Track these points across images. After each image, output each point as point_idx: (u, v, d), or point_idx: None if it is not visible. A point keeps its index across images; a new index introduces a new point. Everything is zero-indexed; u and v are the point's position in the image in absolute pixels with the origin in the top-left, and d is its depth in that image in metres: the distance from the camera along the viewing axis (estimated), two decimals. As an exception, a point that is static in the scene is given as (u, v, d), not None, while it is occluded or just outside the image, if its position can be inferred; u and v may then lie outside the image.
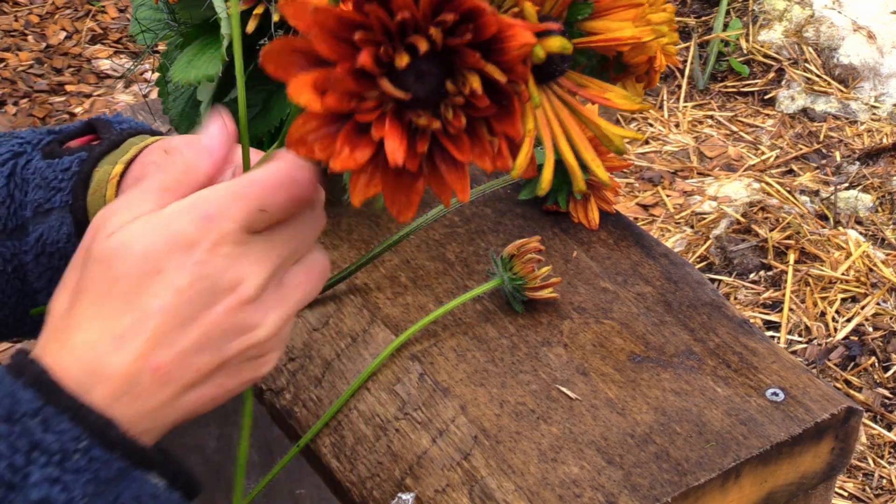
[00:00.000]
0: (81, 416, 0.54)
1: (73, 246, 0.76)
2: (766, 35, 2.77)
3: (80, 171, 0.77)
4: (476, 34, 0.51)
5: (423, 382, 0.87)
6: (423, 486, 0.81)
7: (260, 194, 0.57)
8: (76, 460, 0.53)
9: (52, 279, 0.78)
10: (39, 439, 0.53)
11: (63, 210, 0.77)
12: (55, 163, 0.78)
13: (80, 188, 0.76)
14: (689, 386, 0.87)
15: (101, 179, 0.76)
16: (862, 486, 1.81)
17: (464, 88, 0.52)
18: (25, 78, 2.73)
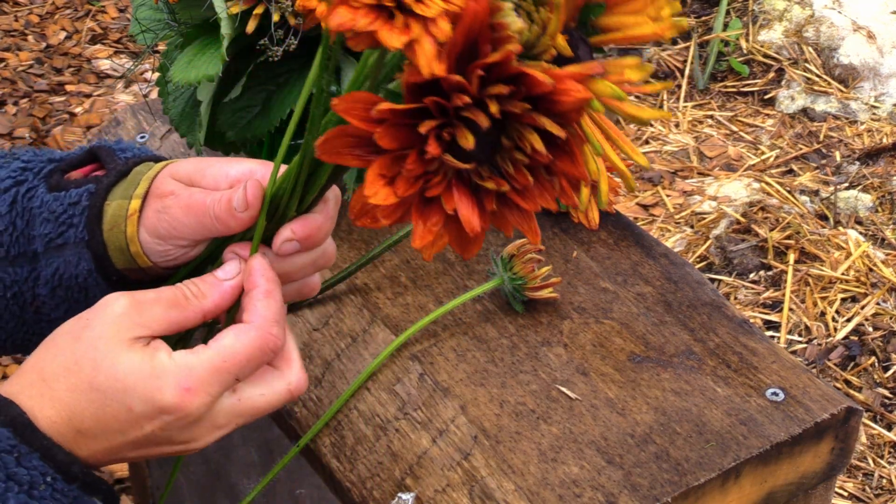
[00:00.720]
0: (51, 456, 0.65)
1: (93, 280, 0.78)
2: (766, 35, 2.77)
3: (90, 205, 0.77)
4: (528, 91, 0.54)
5: (423, 382, 0.87)
6: (423, 486, 0.81)
7: (237, 369, 0.68)
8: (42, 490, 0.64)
9: (69, 309, 0.79)
10: (14, 472, 0.63)
11: (79, 246, 0.77)
12: (62, 196, 0.78)
13: (95, 223, 0.77)
14: (689, 386, 0.87)
15: (117, 215, 0.76)
16: (862, 486, 1.81)
17: (523, 144, 0.54)
18: (25, 78, 2.73)
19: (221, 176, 0.75)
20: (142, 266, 0.77)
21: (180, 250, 0.76)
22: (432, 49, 0.53)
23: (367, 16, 0.53)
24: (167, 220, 0.74)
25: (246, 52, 0.92)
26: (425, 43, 0.53)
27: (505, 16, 0.56)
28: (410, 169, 0.55)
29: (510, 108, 0.54)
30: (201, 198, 0.74)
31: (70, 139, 2.51)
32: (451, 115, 0.54)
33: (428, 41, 0.53)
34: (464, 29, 0.53)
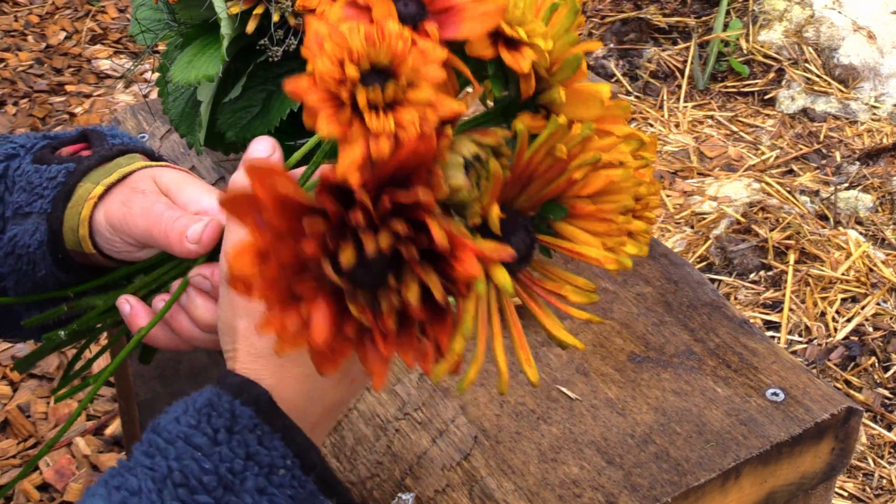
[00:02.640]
0: (291, 437, 0.62)
1: (41, 253, 0.78)
2: (766, 35, 2.77)
3: (65, 182, 0.78)
4: (430, 243, 0.52)
5: (423, 382, 0.87)
6: (423, 486, 0.81)
7: None
8: (281, 475, 0.61)
9: (18, 281, 0.79)
10: (255, 451, 0.61)
11: (40, 217, 0.78)
12: (43, 169, 0.79)
13: (62, 200, 0.77)
14: (689, 386, 0.87)
15: (82, 196, 0.77)
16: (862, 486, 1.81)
17: (403, 291, 0.52)
18: (25, 78, 2.73)
19: (194, 200, 0.75)
20: (85, 251, 0.77)
21: (125, 246, 0.76)
22: (358, 158, 0.51)
23: (320, 96, 0.52)
24: (124, 213, 0.75)
25: (246, 52, 0.92)
26: (355, 148, 0.52)
27: (449, 167, 0.55)
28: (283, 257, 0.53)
29: (401, 247, 0.52)
30: (162, 209, 0.74)
31: (70, 139, 2.51)
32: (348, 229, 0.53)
33: (359, 148, 0.52)
34: (398, 159, 0.52)
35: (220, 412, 0.61)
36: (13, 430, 1.81)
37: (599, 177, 0.58)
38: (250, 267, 0.52)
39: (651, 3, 2.92)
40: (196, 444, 0.60)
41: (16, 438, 1.79)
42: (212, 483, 0.59)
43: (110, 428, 1.81)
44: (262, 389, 0.63)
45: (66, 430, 0.80)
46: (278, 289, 0.53)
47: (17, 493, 1.70)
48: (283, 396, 0.63)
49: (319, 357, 0.54)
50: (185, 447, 0.60)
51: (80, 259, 0.78)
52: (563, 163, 0.57)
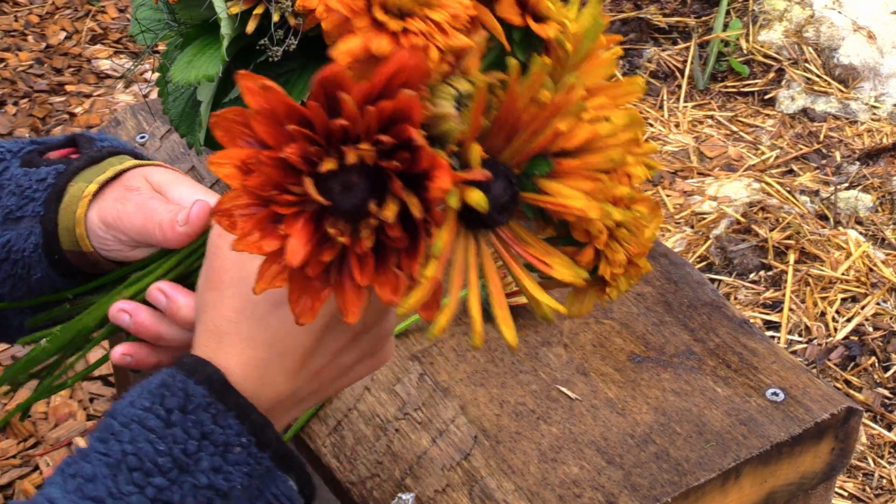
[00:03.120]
0: (245, 415, 0.62)
1: (37, 256, 0.78)
2: (766, 35, 2.77)
3: (55, 183, 0.77)
4: (410, 165, 0.51)
5: (423, 382, 0.87)
6: (423, 486, 0.81)
7: None
8: (237, 453, 0.61)
9: (14, 286, 0.79)
10: (209, 430, 0.61)
11: (34, 220, 0.78)
12: (32, 172, 0.79)
13: (54, 201, 0.77)
14: (689, 386, 0.87)
15: (75, 195, 0.77)
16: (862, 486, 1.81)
17: (382, 211, 0.52)
18: (25, 78, 2.73)
19: (186, 198, 0.76)
20: (84, 250, 0.77)
21: (119, 244, 0.76)
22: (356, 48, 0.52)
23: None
24: (118, 210, 0.75)
25: (246, 52, 0.92)
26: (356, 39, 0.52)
27: (439, 94, 0.55)
28: (265, 162, 0.52)
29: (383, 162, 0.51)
30: (156, 205, 0.74)
31: (70, 139, 2.51)
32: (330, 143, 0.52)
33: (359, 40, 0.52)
34: (391, 69, 0.51)
35: (174, 392, 0.61)
36: (13, 430, 1.81)
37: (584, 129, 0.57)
38: (233, 177, 0.52)
39: (651, 3, 2.92)
40: (150, 427, 0.60)
41: (16, 438, 1.79)
42: (166, 465, 0.59)
43: (110, 428, 1.81)
44: (214, 368, 0.62)
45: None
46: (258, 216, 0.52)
47: (17, 492, 1.70)
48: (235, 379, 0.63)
49: (296, 297, 0.54)
50: (140, 430, 0.60)
51: (76, 260, 0.78)
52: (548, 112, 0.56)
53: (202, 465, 0.60)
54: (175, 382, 0.61)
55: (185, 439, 0.60)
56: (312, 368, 0.64)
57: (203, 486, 0.60)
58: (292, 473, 0.64)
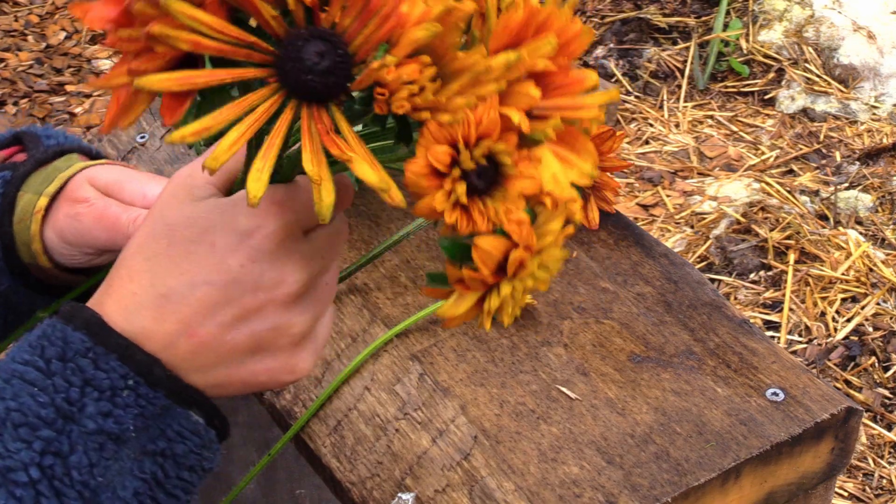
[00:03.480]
0: (129, 356, 0.59)
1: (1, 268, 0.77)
2: (766, 35, 2.77)
3: (4, 193, 0.77)
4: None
5: (423, 382, 0.87)
6: (423, 486, 0.81)
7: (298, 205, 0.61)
8: (125, 396, 0.59)
9: None
10: (91, 376, 0.58)
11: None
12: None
13: (6, 214, 0.77)
14: (689, 386, 0.87)
15: (25, 210, 0.76)
16: (862, 486, 1.81)
17: None
18: (25, 78, 2.73)
19: (138, 194, 0.75)
20: (41, 265, 0.77)
21: (86, 257, 0.76)
22: None
23: None
24: (76, 228, 0.74)
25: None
26: None
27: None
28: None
29: None
30: (116, 212, 0.74)
31: (70, 139, 2.51)
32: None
33: None
34: None
35: (53, 342, 0.59)
36: None
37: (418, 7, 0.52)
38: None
39: (651, 3, 2.92)
40: (30, 380, 0.58)
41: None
42: (50, 416, 0.58)
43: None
44: (91, 312, 0.60)
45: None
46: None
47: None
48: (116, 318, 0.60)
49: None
50: (21, 384, 0.58)
51: (36, 272, 0.78)
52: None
53: (88, 410, 0.58)
54: (54, 332, 0.59)
55: (66, 388, 0.58)
56: (190, 323, 0.60)
57: (92, 431, 0.58)
58: (194, 408, 0.61)
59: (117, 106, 0.55)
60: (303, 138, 0.53)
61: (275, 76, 0.53)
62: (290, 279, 0.61)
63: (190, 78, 0.52)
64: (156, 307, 0.60)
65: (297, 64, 0.53)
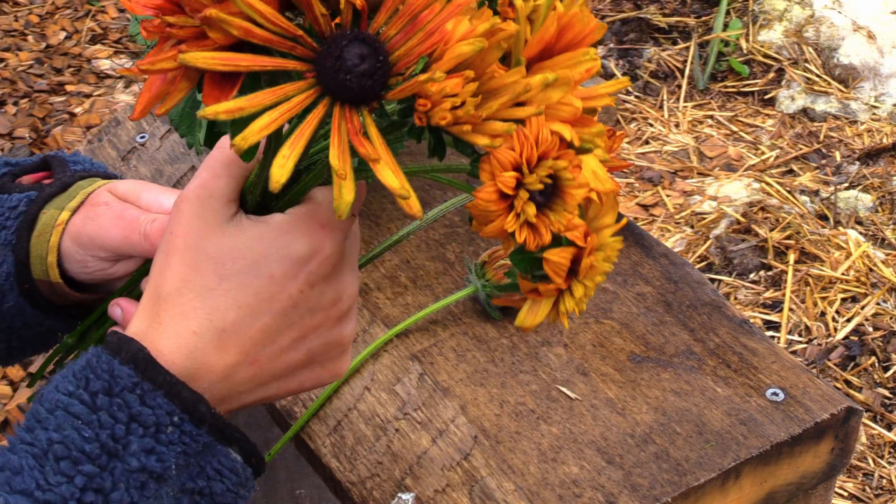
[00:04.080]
0: (175, 393, 0.59)
1: (9, 284, 0.77)
2: (766, 35, 2.77)
3: (27, 210, 0.77)
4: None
5: (423, 382, 0.87)
6: (423, 486, 0.81)
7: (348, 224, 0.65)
8: (170, 433, 0.59)
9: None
10: (137, 412, 0.58)
11: (5, 248, 0.77)
12: (4, 198, 0.78)
13: (25, 229, 0.77)
14: (689, 386, 0.87)
15: (47, 224, 0.76)
16: (862, 486, 1.81)
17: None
18: (25, 78, 2.73)
19: (154, 203, 0.75)
20: (51, 280, 0.77)
21: (99, 262, 0.76)
22: None
23: None
24: (93, 228, 0.74)
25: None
26: None
27: None
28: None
29: None
30: (134, 213, 0.74)
31: (70, 139, 2.51)
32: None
33: None
34: None
35: (99, 374, 0.59)
36: (13, 430, 1.81)
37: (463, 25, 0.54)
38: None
39: (651, 3, 2.92)
40: (75, 412, 0.58)
41: (16, 438, 1.79)
42: (94, 451, 0.58)
43: (110, 428, 1.81)
44: (139, 346, 0.60)
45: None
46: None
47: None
48: (166, 353, 0.60)
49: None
50: (65, 416, 0.58)
51: (44, 290, 0.78)
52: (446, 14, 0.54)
53: (132, 448, 0.58)
54: (99, 364, 0.59)
55: (112, 423, 0.58)
56: (251, 352, 0.62)
57: (135, 469, 0.58)
58: (234, 446, 0.62)
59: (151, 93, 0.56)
60: (332, 133, 0.54)
61: (313, 72, 0.54)
62: (345, 295, 0.64)
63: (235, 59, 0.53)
64: (218, 341, 0.61)
65: (337, 62, 0.54)
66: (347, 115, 0.54)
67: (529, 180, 0.58)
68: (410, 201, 0.54)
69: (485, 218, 0.58)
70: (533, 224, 0.58)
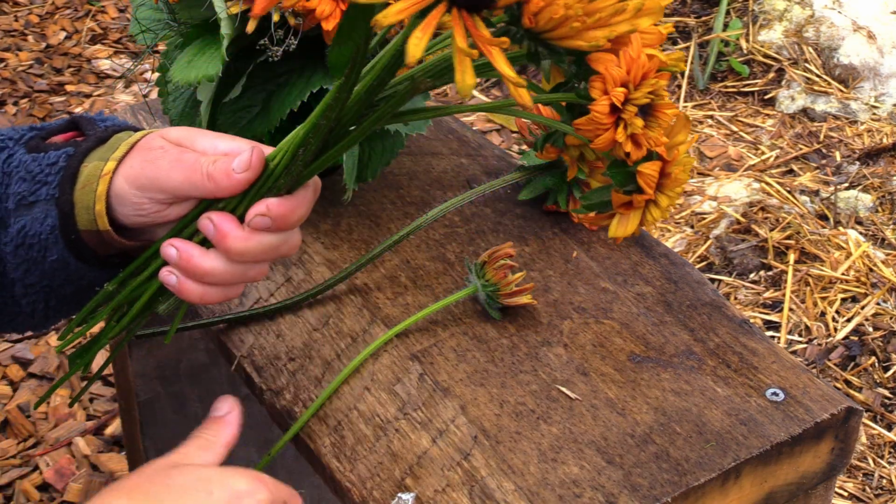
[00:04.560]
0: None
1: (54, 238, 0.78)
2: (766, 35, 2.77)
3: (67, 165, 0.78)
4: None
5: (423, 382, 0.87)
6: (423, 486, 0.81)
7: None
8: None
9: (28, 270, 0.79)
10: None
11: (48, 203, 0.78)
12: (41, 157, 0.79)
13: (68, 183, 0.77)
14: (689, 386, 0.87)
15: (91, 175, 0.77)
16: (862, 486, 1.81)
17: None
18: (25, 78, 2.73)
19: (210, 147, 0.77)
20: (100, 228, 0.77)
21: (155, 205, 0.76)
22: None
23: None
24: (152, 170, 0.75)
25: (246, 52, 0.92)
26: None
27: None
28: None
29: None
30: (194, 157, 0.75)
31: (70, 139, 2.51)
32: None
33: None
34: None
35: None
36: (13, 430, 1.81)
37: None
38: None
39: (651, 3, 2.92)
40: None
41: (16, 438, 1.79)
42: None
43: (110, 428, 1.81)
44: None
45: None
46: None
47: (17, 493, 1.70)
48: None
49: None
50: None
51: (90, 240, 0.78)
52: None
53: None
54: None
55: None
56: None
57: None
58: None
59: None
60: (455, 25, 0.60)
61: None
62: None
63: None
64: None
65: None
66: (465, 16, 0.61)
67: (636, 95, 0.66)
68: (522, 92, 0.60)
69: (595, 131, 0.67)
70: (636, 137, 0.67)
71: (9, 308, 0.82)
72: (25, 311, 0.82)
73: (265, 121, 0.93)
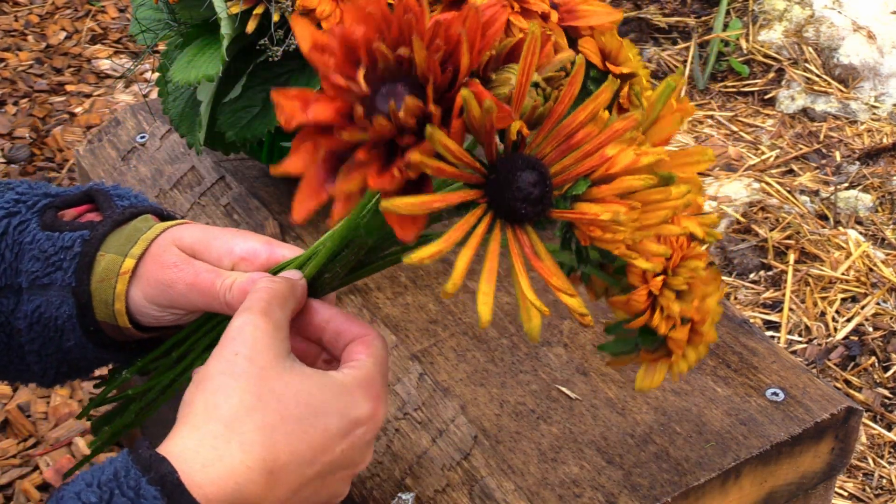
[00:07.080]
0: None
1: (71, 325, 0.77)
2: (766, 35, 2.77)
3: (83, 252, 0.77)
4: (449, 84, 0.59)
5: (423, 382, 0.87)
6: (423, 486, 0.81)
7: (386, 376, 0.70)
8: None
9: (43, 345, 0.79)
10: None
11: (64, 290, 0.77)
12: (55, 237, 0.78)
13: (84, 272, 0.76)
14: (689, 386, 0.87)
15: (109, 269, 0.76)
16: (862, 486, 1.81)
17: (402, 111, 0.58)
18: (25, 78, 2.73)
19: (225, 251, 0.75)
20: (120, 325, 0.77)
21: (175, 317, 0.77)
22: None
23: None
24: (170, 294, 0.75)
25: (246, 52, 0.92)
26: None
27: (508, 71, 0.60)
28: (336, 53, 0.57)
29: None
30: (209, 278, 0.74)
31: (70, 139, 2.51)
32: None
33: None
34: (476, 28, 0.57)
35: (124, 490, 0.59)
36: (13, 430, 1.81)
37: (628, 155, 0.58)
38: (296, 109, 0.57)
39: (651, 3, 2.92)
40: None
41: (16, 438, 1.79)
42: None
43: (110, 428, 1.81)
44: (169, 467, 0.60)
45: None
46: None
47: (17, 492, 1.70)
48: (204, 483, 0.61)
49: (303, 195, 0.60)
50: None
51: (110, 331, 0.78)
52: (604, 136, 0.58)
53: None
54: (127, 479, 0.60)
55: None
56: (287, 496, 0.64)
57: None
58: None
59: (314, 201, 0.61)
60: (515, 263, 0.58)
61: (483, 198, 0.58)
62: (368, 459, 0.69)
63: (429, 203, 0.56)
64: (265, 482, 0.63)
65: (512, 192, 0.57)
66: (519, 235, 0.59)
67: (675, 282, 0.64)
68: (587, 318, 0.59)
69: (632, 312, 0.64)
70: (671, 316, 0.64)
71: (15, 366, 0.81)
72: (36, 372, 0.81)
73: (265, 121, 0.93)
